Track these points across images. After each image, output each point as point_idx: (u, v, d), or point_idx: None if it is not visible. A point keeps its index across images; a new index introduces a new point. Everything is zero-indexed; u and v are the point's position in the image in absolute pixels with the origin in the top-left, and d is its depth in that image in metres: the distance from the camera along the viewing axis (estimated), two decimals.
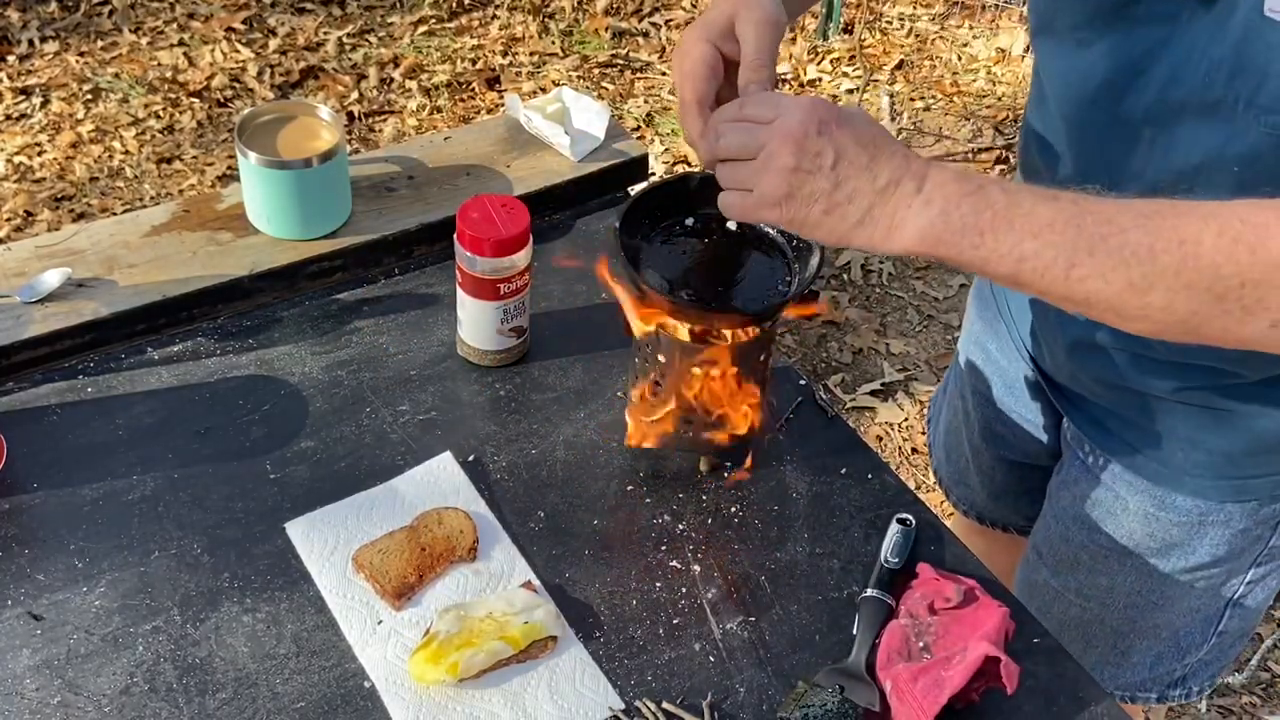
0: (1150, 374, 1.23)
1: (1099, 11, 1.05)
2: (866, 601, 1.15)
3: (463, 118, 3.38)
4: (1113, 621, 1.41)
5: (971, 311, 1.58)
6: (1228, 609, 1.38)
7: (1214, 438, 1.24)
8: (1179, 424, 1.26)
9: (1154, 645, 1.42)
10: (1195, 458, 1.26)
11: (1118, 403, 1.30)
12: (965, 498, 1.71)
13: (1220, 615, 1.39)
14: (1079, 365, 1.31)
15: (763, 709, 1.09)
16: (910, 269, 3.08)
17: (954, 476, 1.71)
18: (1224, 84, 0.96)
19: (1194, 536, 1.32)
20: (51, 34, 3.51)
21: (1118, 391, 1.28)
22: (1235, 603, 1.38)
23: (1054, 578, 1.45)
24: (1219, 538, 1.31)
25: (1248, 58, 0.93)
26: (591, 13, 3.80)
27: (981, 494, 1.67)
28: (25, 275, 1.36)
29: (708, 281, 1.19)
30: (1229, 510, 1.29)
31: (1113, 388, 1.29)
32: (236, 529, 1.19)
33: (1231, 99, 0.96)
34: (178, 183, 3.11)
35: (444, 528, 1.19)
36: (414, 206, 1.50)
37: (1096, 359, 1.27)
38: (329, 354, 1.37)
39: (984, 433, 1.57)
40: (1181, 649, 1.42)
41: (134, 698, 1.06)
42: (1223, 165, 1.01)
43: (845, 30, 3.80)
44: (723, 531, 1.23)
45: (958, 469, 1.69)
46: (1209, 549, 1.32)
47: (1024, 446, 1.52)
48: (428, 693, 1.07)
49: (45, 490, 1.21)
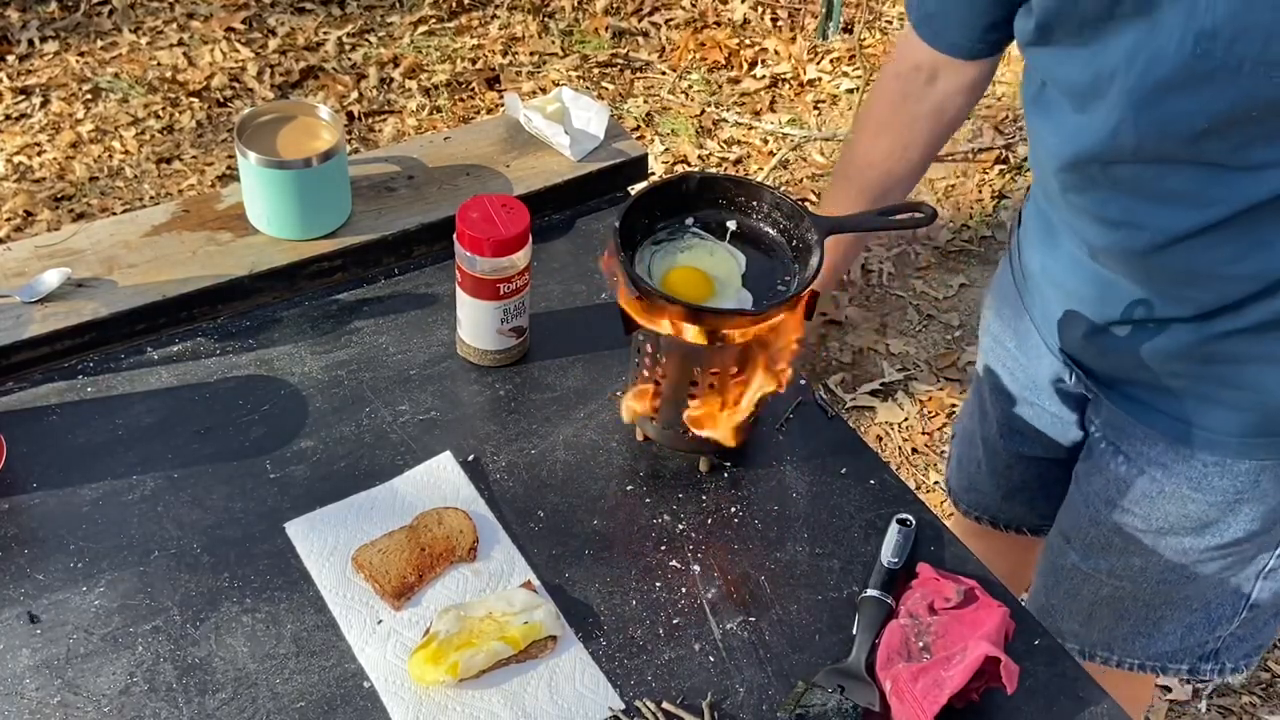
0: (1179, 331, 1.27)
1: (1092, 14, 1.11)
2: (866, 601, 1.15)
3: (463, 118, 3.38)
4: (1144, 596, 1.44)
5: (989, 314, 1.59)
6: (1258, 580, 1.41)
7: (1250, 393, 1.27)
8: (1214, 384, 1.29)
9: (1185, 616, 1.45)
10: (1234, 418, 1.29)
11: (1152, 375, 1.32)
12: (977, 503, 1.72)
13: (1252, 587, 1.42)
14: (1108, 344, 1.34)
15: (763, 709, 1.09)
16: (910, 269, 3.08)
17: (964, 483, 1.73)
18: (1223, 51, 1.02)
19: (1228, 514, 1.34)
20: (51, 34, 3.51)
21: (1150, 364, 1.31)
22: (1265, 574, 1.40)
23: (1084, 561, 1.47)
24: (1253, 514, 1.33)
25: (1251, 20, 1.00)
26: (591, 12, 3.80)
27: (995, 495, 1.68)
28: (25, 275, 1.36)
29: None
30: (1263, 486, 1.31)
31: (1144, 362, 1.31)
32: (236, 529, 1.19)
33: (1234, 62, 1.02)
34: (177, 183, 3.11)
35: (444, 528, 1.19)
36: (414, 206, 1.50)
37: (1124, 334, 1.31)
38: (329, 354, 1.37)
39: (1002, 429, 1.59)
40: (1213, 620, 1.44)
41: (134, 698, 1.06)
42: (1235, 120, 1.07)
43: (845, 30, 3.80)
44: (723, 531, 1.23)
45: (968, 474, 1.70)
46: (1243, 525, 1.34)
47: (1044, 440, 1.54)
48: (428, 693, 1.07)
49: (45, 490, 1.21)
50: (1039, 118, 1.27)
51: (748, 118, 3.47)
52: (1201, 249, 1.18)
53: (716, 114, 3.49)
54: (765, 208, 1.25)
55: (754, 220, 1.26)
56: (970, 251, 3.15)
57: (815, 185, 3.29)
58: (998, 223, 3.23)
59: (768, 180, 3.23)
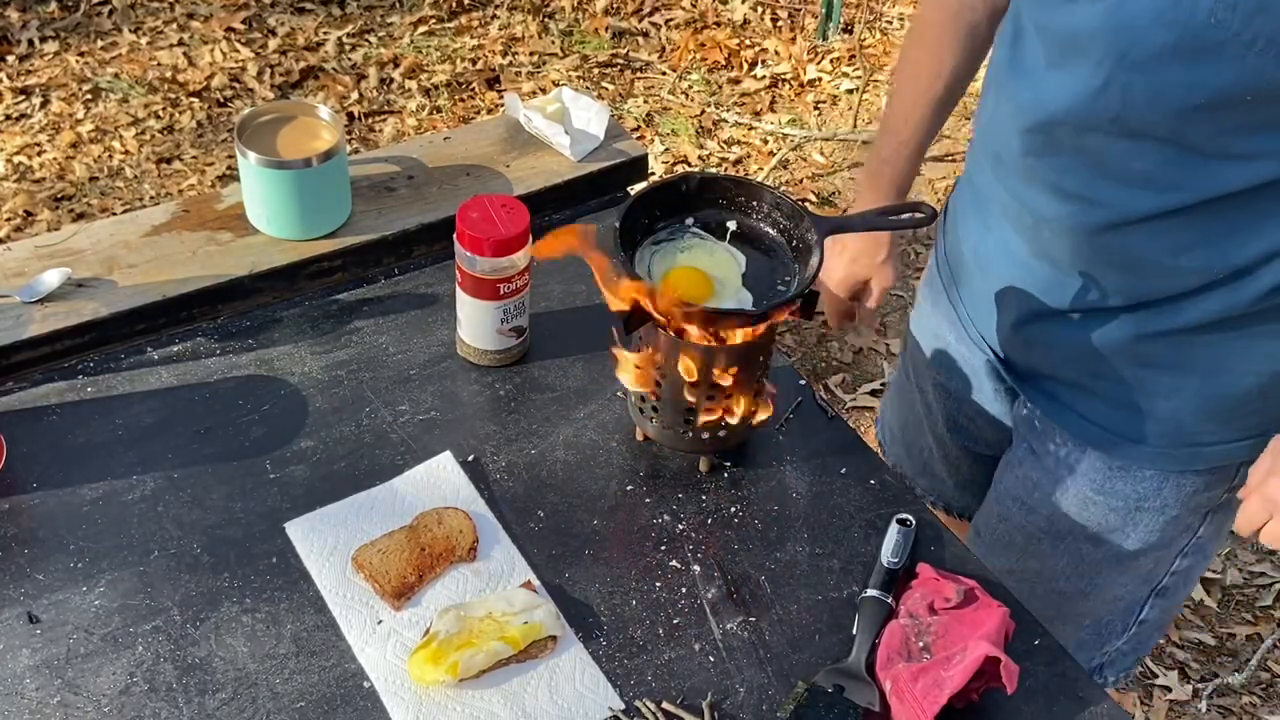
0: (1108, 326, 1.24)
1: None
2: (866, 601, 1.15)
3: (463, 118, 3.38)
4: (1038, 605, 1.41)
5: (922, 296, 1.57)
6: (1150, 598, 1.40)
7: (1168, 401, 1.25)
8: (1133, 388, 1.26)
9: (1075, 632, 1.44)
10: (1149, 425, 1.27)
11: (1074, 372, 1.30)
12: (931, 488, 1.70)
13: (1142, 604, 1.41)
14: (1034, 336, 1.31)
15: (763, 709, 1.09)
16: (910, 269, 3.08)
17: (917, 468, 1.70)
18: (1241, 22, 0.97)
19: (1128, 523, 1.33)
20: (51, 34, 3.51)
21: (1074, 359, 1.29)
22: (1159, 592, 1.39)
23: (987, 557, 1.44)
24: (1152, 524, 1.32)
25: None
26: (591, 13, 3.80)
27: (949, 484, 1.66)
28: (25, 275, 1.36)
29: None
30: (1165, 496, 1.30)
31: (1068, 356, 1.29)
32: (236, 529, 1.19)
33: (1248, 37, 0.97)
34: (177, 183, 3.11)
35: (444, 528, 1.19)
36: (414, 206, 1.50)
37: (1052, 326, 1.28)
38: (329, 354, 1.37)
39: (948, 424, 1.57)
40: (1102, 637, 1.44)
41: (134, 698, 1.06)
42: (1230, 102, 1.02)
43: (845, 30, 3.80)
44: (723, 531, 1.23)
45: (920, 461, 1.68)
46: (1142, 535, 1.33)
47: (986, 436, 1.52)
48: (428, 693, 1.07)
49: (45, 490, 1.21)
50: (1010, 72, 1.21)
51: (748, 118, 3.47)
52: (1151, 234, 1.14)
53: (716, 114, 3.49)
54: (765, 208, 1.25)
55: (754, 220, 1.26)
56: None
57: (815, 185, 3.29)
58: None
59: (768, 180, 3.23)
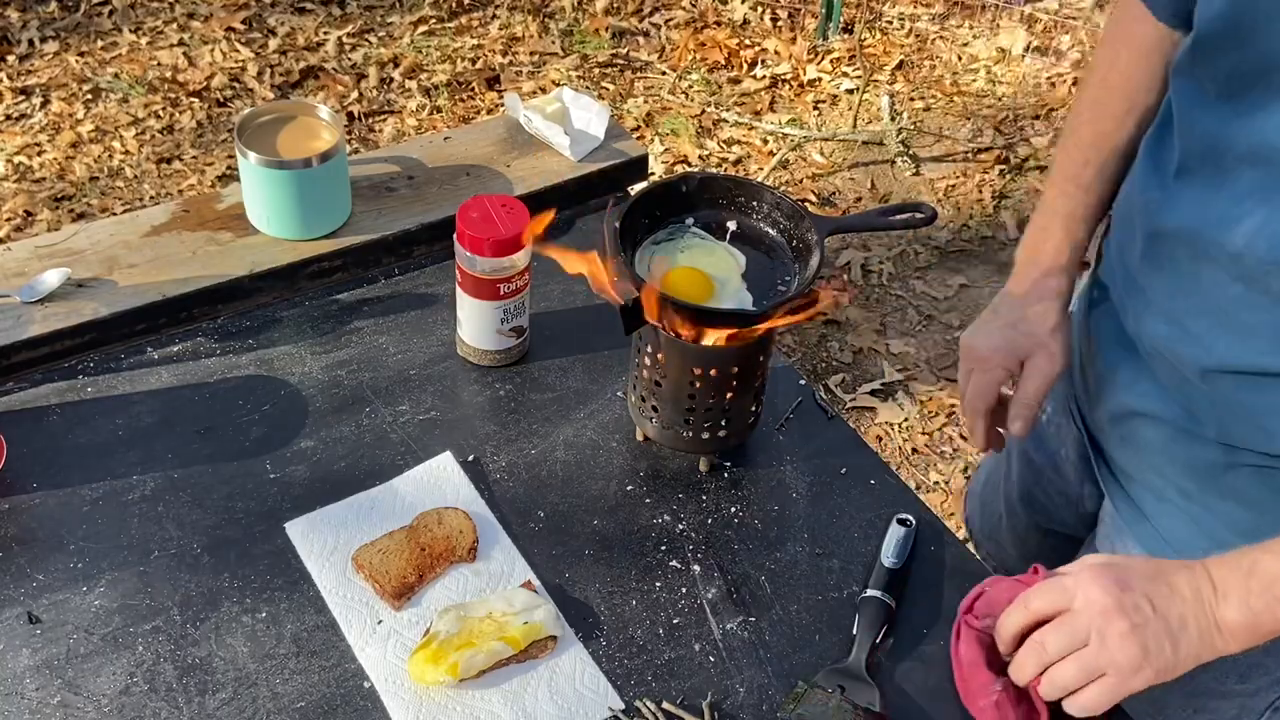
0: (1199, 448, 1.16)
1: None
2: (866, 601, 1.15)
3: (463, 118, 3.38)
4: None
5: None
6: (1268, 712, 1.26)
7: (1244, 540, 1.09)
8: (1215, 516, 1.18)
9: None
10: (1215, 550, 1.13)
11: (1160, 483, 1.22)
12: (994, 554, 1.62)
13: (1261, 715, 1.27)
14: (1129, 433, 1.24)
15: (763, 709, 1.09)
16: (910, 269, 3.08)
17: (985, 531, 1.62)
18: None
19: None
20: (51, 34, 3.51)
21: (1163, 470, 1.21)
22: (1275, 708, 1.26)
23: None
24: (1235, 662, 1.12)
25: None
26: (591, 13, 3.80)
27: (1013, 554, 1.58)
28: (25, 275, 1.36)
29: None
30: None
31: (1156, 465, 1.21)
32: (236, 529, 1.19)
33: None
34: (177, 183, 3.11)
35: (444, 528, 1.19)
36: (414, 206, 1.50)
37: (1147, 429, 1.21)
38: (329, 354, 1.37)
39: (1023, 496, 1.49)
40: None
41: (134, 698, 1.06)
42: None
43: (845, 30, 3.80)
44: (723, 531, 1.23)
45: (990, 524, 1.60)
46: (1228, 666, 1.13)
47: (1062, 516, 1.43)
48: (428, 693, 1.07)
49: (45, 490, 1.21)
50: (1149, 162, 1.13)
51: (748, 118, 3.47)
52: (1255, 390, 1.07)
53: (716, 114, 3.49)
54: (765, 208, 1.25)
55: (754, 220, 1.26)
56: (970, 252, 3.15)
57: (815, 185, 3.29)
58: (998, 223, 3.23)
59: (768, 180, 3.23)
